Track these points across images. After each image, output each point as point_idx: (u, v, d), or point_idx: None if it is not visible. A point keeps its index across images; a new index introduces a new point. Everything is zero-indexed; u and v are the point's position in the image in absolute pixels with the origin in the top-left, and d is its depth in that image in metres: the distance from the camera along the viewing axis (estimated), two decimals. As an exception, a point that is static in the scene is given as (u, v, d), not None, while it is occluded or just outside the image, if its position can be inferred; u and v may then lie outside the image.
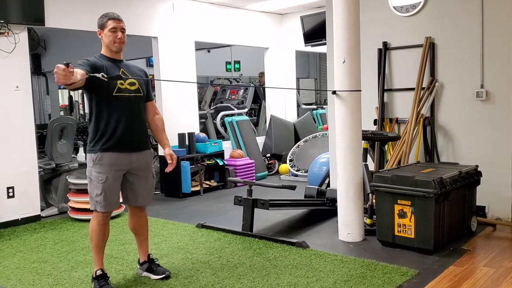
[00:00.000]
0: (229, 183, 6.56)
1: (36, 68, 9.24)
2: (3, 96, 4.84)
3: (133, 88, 3.12)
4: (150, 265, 3.36)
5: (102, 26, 3.13)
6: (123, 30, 3.15)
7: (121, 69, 3.12)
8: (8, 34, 4.80)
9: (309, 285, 3.13)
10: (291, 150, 7.31)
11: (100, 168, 3.04)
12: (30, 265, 3.73)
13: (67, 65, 2.52)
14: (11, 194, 4.91)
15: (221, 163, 6.58)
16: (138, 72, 3.25)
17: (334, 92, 3.96)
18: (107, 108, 3.04)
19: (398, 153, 4.69)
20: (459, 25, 4.58)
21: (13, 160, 4.91)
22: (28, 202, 5.03)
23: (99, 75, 2.83)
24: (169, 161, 3.29)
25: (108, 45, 3.12)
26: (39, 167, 5.21)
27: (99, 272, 3.14)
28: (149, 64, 9.69)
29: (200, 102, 8.33)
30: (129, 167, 3.13)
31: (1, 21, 4.72)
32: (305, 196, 5.00)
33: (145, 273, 3.36)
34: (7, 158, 4.86)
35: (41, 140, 5.86)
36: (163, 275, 3.30)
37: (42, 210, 5.24)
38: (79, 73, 2.73)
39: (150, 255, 3.41)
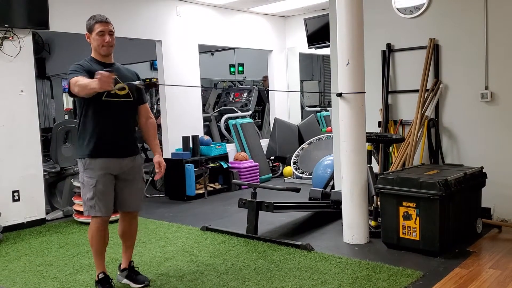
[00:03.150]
0: (233, 186, 6.56)
1: (41, 72, 9.29)
2: (8, 100, 4.87)
3: (122, 93, 3.06)
4: (129, 273, 3.31)
5: (90, 30, 3.07)
6: (111, 33, 3.08)
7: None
8: (13, 38, 4.83)
9: (314, 288, 3.12)
10: (295, 153, 7.31)
11: (90, 173, 3.01)
12: (36, 268, 3.74)
13: (108, 71, 2.61)
14: (16, 197, 4.93)
15: (225, 166, 6.59)
16: (130, 75, 3.20)
17: (339, 95, 3.95)
18: (97, 113, 3.01)
19: (402, 155, 4.68)
20: (463, 26, 4.58)
21: (18, 163, 4.93)
22: (33, 206, 5.05)
23: (137, 83, 2.90)
24: (156, 170, 3.23)
25: (96, 49, 3.08)
26: (44, 171, 5.24)
27: (101, 276, 3.13)
28: (153, 67, 9.73)
29: (204, 105, 8.35)
30: (119, 172, 3.10)
31: (6, 25, 4.75)
32: (310, 199, 4.99)
33: (125, 280, 3.31)
34: (12, 162, 4.89)
35: (46, 144, 5.88)
36: (143, 284, 3.25)
37: (47, 213, 5.25)
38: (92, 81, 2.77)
39: (132, 263, 3.36)
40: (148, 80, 6.68)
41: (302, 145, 7.46)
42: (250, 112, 8.39)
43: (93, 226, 3.10)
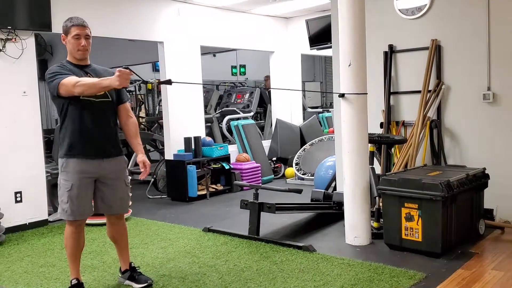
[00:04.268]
0: (235, 187, 6.56)
1: (43, 74, 9.30)
2: (11, 101, 4.88)
3: (99, 93, 3.02)
4: (132, 273, 3.30)
5: (66, 32, 3.04)
6: (87, 37, 3.05)
7: (88, 74, 3.06)
8: (15, 40, 4.84)
9: (316, 289, 3.12)
10: (297, 154, 7.31)
11: (66, 176, 2.99)
12: (38, 269, 3.75)
13: (127, 68, 2.64)
14: (19, 198, 4.93)
15: (227, 167, 6.59)
16: (107, 75, 3.12)
17: (342, 95, 3.95)
18: (74, 114, 2.99)
19: (404, 156, 4.68)
20: (465, 27, 4.57)
21: (21, 165, 4.93)
22: (36, 207, 5.06)
23: (152, 81, 2.94)
24: (141, 169, 3.15)
25: (71, 52, 3.06)
26: (47, 172, 5.24)
27: (74, 282, 3.11)
28: (155, 69, 9.74)
29: (205, 106, 8.36)
30: (98, 174, 3.05)
31: (8, 27, 4.76)
32: (312, 200, 4.99)
33: (127, 282, 3.31)
34: (15, 163, 4.89)
35: (48, 145, 5.89)
36: (146, 284, 3.25)
37: (49, 214, 5.25)
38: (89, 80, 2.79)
39: (132, 263, 3.35)
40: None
41: (304, 146, 7.46)
42: (252, 113, 8.38)
43: (67, 229, 3.08)
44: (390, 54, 5.02)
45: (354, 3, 3.87)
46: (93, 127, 3.02)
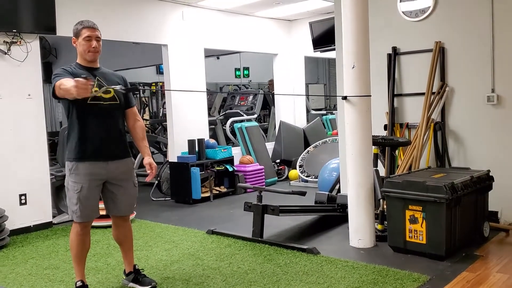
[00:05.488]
0: (239, 189, 6.56)
1: (48, 77, 9.35)
2: (16, 104, 4.90)
3: (107, 96, 3.03)
4: (136, 275, 3.31)
5: (76, 34, 3.07)
6: (98, 38, 3.08)
7: (97, 77, 3.05)
8: (20, 43, 4.87)
9: (320, 292, 3.12)
10: (301, 156, 7.30)
11: (75, 178, 3.00)
12: (42, 271, 3.76)
13: (85, 78, 2.59)
14: (23, 201, 4.95)
15: (230, 169, 6.59)
16: (116, 79, 3.16)
17: (345, 98, 3.95)
18: (82, 117, 3.00)
19: (408, 158, 4.67)
20: (469, 29, 4.56)
21: (25, 167, 4.96)
22: (40, 209, 5.08)
23: (118, 87, 2.92)
24: (148, 171, 3.19)
25: (82, 54, 3.08)
26: (51, 174, 5.26)
27: (79, 284, 3.12)
28: (159, 71, 9.77)
29: (209, 108, 8.38)
30: (107, 176, 3.07)
31: (13, 30, 4.79)
32: (316, 202, 4.98)
33: (131, 284, 3.31)
34: (19, 165, 4.92)
35: (53, 148, 5.91)
36: (149, 286, 3.25)
37: (53, 217, 5.27)
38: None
39: (136, 266, 3.36)
40: (154, 84, 6.74)
41: (307, 148, 7.45)
42: (255, 116, 8.40)
43: (73, 230, 3.11)
44: (393, 56, 5.02)
45: (357, 5, 3.87)
46: (101, 130, 3.04)
